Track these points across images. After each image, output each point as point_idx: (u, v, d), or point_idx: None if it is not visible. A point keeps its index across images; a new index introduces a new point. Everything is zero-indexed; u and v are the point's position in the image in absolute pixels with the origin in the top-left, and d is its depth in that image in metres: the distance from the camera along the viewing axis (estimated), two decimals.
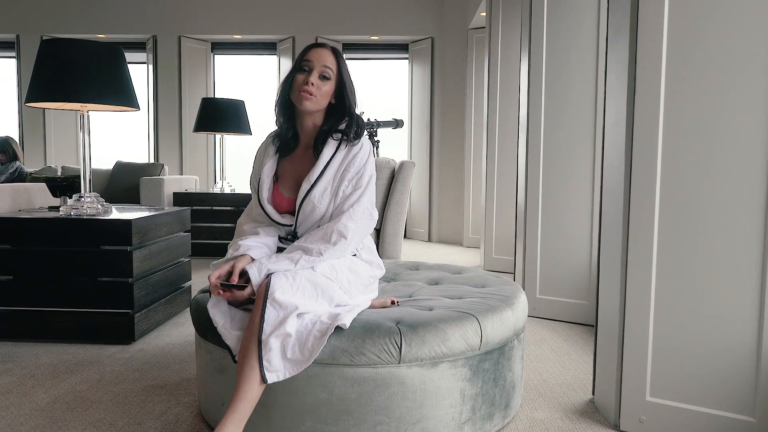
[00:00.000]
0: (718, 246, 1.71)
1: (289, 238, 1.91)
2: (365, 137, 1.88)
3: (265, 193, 1.88)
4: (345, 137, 1.82)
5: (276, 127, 1.94)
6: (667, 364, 1.82)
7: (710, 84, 1.70)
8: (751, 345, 1.69)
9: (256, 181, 1.93)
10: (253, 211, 1.94)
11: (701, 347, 1.76)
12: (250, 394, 1.53)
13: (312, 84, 1.75)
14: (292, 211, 1.87)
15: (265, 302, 1.57)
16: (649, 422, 1.85)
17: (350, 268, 1.82)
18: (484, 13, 5.42)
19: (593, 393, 2.13)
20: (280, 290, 1.59)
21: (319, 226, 1.83)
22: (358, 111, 1.89)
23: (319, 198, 1.80)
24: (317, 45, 1.82)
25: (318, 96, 1.78)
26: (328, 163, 1.81)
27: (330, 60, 1.78)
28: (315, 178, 1.80)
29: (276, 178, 1.92)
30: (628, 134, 1.87)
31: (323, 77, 1.78)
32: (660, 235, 1.81)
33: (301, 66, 1.78)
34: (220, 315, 1.70)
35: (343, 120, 1.84)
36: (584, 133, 3.21)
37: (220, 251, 5.21)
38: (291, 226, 1.88)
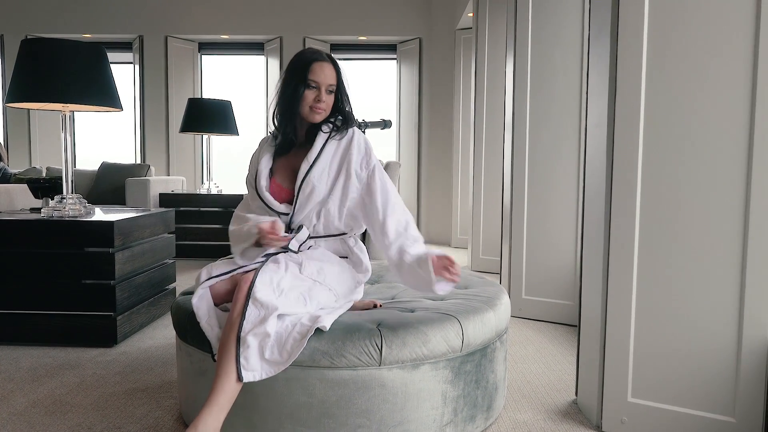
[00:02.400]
0: (699, 248, 1.72)
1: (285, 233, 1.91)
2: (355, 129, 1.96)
3: (264, 182, 1.92)
4: (334, 127, 1.92)
5: (270, 132, 2.01)
6: (649, 365, 1.82)
7: (690, 84, 1.71)
8: (731, 346, 1.69)
9: (253, 176, 1.96)
10: (250, 205, 1.97)
11: (682, 349, 1.76)
12: (227, 390, 1.52)
13: (324, 102, 1.87)
14: (290, 201, 1.89)
15: (247, 300, 1.57)
16: (630, 423, 1.86)
17: (338, 271, 1.83)
18: (472, 14, 5.43)
19: (576, 394, 2.13)
20: (262, 290, 1.59)
21: (317, 212, 1.86)
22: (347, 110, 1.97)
23: (318, 178, 1.84)
24: (321, 59, 1.88)
25: (327, 109, 1.91)
26: (324, 145, 1.88)
27: (333, 77, 1.89)
28: (314, 159, 1.85)
29: (271, 173, 1.95)
30: (610, 135, 1.88)
31: (329, 92, 1.89)
32: (641, 237, 1.81)
33: (308, 83, 1.85)
34: (204, 311, 1.70)
35: (335, 116, 1.94)
36: (569, 134, 3.21)
37: (207, 252, 5.18)
38: (288, 215, 1.89)
